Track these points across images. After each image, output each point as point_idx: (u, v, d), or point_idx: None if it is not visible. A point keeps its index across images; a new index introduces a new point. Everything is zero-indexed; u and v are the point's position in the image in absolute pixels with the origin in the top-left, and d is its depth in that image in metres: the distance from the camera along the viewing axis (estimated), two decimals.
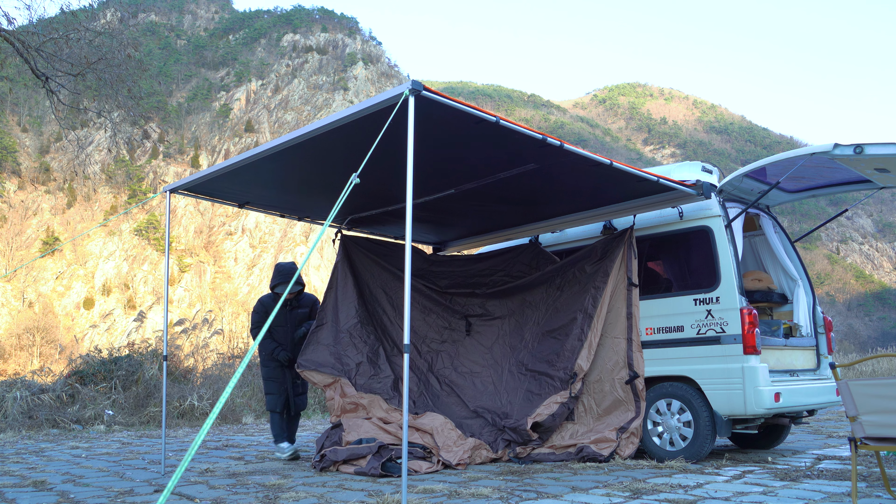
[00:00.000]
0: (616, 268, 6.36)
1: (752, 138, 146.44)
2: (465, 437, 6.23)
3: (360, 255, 7.49)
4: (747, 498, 4.16)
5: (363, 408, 6.64)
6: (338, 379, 6.77)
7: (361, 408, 6.64)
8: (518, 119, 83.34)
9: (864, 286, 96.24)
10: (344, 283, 7.22)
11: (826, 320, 6.64)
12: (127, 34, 17.74)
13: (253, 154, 5.46)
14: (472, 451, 6.03)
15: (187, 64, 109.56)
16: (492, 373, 7.01)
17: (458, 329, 7.43)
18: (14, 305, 72.80)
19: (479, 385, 7.00)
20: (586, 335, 6.32)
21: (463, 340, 7.35)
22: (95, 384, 11.82)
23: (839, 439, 7.37)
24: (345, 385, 6.75)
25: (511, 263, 7.46)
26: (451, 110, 4.50)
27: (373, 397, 6.69)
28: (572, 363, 6.30)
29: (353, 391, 6.72)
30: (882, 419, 3.72)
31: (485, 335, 7.27)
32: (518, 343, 6.99)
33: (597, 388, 6.27)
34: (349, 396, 6.68)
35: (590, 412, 6.26)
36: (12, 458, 7.25)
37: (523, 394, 6.60)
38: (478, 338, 7.30)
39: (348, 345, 6.95)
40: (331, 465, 5.80)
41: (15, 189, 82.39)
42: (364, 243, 7.62)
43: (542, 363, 6.60)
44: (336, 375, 6.75)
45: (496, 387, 6.89)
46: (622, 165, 5.58)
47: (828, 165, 5.77)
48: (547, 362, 6.56)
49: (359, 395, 6.68)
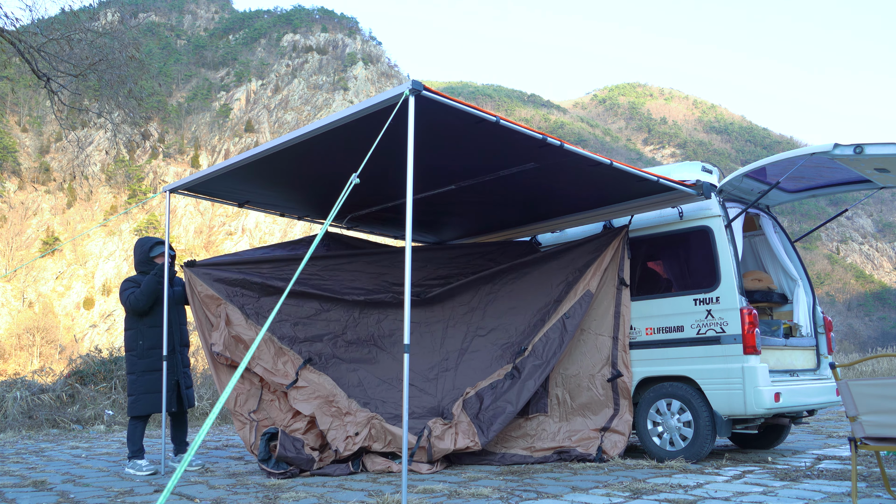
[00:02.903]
0: (603, 263, 6.33)
1: (752, 138, 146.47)
2: (354, 412, 5.82)
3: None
4: (747, 498, 4.16)
5: (245, 346, 5.97)
6: (223, 302, 6.09)
7: (242, 345, 5.98)
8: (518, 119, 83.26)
9: (864, 286, 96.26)
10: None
11: (826, 320, 6.64)
12: (128, 35, 17.73)
13: (253, 154, 5.46)
14: (364, 428, 5.70)
15: (187, 64, 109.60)
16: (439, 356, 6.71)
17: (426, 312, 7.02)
18: (14, 305, 72.81)
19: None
20: (547, 319, 6.28)
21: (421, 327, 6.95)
22: (95, 384, 11.82)
23: (839, 439, 7.37)
24: (231, 312, 6.07)
25: (499, 255, 7.39)
26: (452, 110, 4.50)
27: (264, 336, 5.97)
28: (526, 341, 6.26)
29: (240, 318, 6.05)
30: (882, 419, 3.71)
31: (442, 321, 6.97)
32: (476, 328, 6.84)
33: (573, 382, 6.26)
34: (235, 326, 6.02)
35: (563, 405, 6.23)
36: (12, 458, 7.25)
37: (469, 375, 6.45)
38: (437, 324, 6.98)
39: (252, 271, 6.30)
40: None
41: (15, 189, 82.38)
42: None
43: (497, 347, 6.53)
44: (221, 297, 6.10)
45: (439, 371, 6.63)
46: (622, 165, 5.58)
47: (828, 165, 5.77)
48: (502, 346, 6.51)
49: (247, 326, 6.04)
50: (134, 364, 6.06)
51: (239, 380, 6.10)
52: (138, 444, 6.00)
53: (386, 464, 5.68)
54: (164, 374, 5.98)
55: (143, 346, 6.05)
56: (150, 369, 6.01)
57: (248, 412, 6.06)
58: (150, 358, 6.03)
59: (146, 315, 6.09)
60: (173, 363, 6.11)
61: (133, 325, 6.13)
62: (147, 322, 6.08)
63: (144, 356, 6.04)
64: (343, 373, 6.32)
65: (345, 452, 5.65)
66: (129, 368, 6.12)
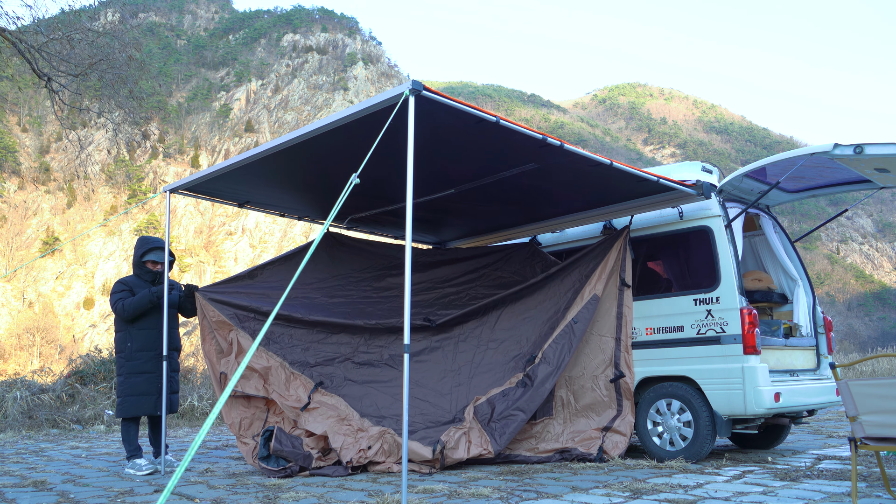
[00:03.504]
0: (607, 266, 6.33)
1: (752, 138, 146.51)
2: (367, 428, 5.81)
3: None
4: (747, 498, 4.16)
5: (258, 375, 6.04)
6: (234, 328, 6.10)
7: (255, 374, 6.03)
8: (518, 119, 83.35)
9: (864, 286, 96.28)
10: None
11: (826, 320, 6.64)
12: (128, 35, 17.73)
13: (253, 154, 5.46)
14: (377, 442, 5.68)
15: (187, 64, 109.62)
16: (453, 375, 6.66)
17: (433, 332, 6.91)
18: (14, 305, 72.81)
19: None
20: (557, 325, 6.27)
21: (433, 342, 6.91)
22: (95, 384, 11.83)
23: (839, 439, 7.37)
24: (243, 339, 6.08)
25: (504, 262, 7.39)
26: (452, 110, 4.50)
27: (272, 360, 6.08)
28: (536, 349, 6.25)
29: (248, 343, 6.03)
30: (882, 419, 3.71)
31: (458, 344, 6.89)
32: (488, 344, 6.78)
33: (577, 384, 6.26)
34: (244, 352, 6.00)
35: (567, 406, 6.24)
36: (12, 458, 7.26)
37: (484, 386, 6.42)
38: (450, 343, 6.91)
39: (262, 297, 6.28)
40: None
41: (15, 189, 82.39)
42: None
43: (509, 358, 6.50)
44: (233, 324, 6.10)
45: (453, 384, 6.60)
46: (622, 165, 5.58)
47: (828, 165, 5.77)
48: (514, 357, 6.48)
49: (258, 352, 6.04)
50: (122, 366, 6.01)
51: (243, 404, 6.20)
52: (134, 444, 5.97)
53: (386, 464, 5.67)
54: (165, 375, 5.98)
55: (131, 348, 6.00)
56: (138, 371, 5.96)
57: (253, 436, 6.09)
58: (139, 360, 5.98)
59: (136, 318, 6.07)
60: (159, 368, 6.04)
61: (123, 328, 6.10)
62: (137, 325, 6.05)
63: (132, 358, 5.98)
64: (356, 393, 6.30)
65: (355, 464, 5.63)
66: (118, 370, 6.08)
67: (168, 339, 6.12)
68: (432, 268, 7.59)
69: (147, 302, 5.99)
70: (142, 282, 6.19)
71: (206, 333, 6.27)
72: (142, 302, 5.98)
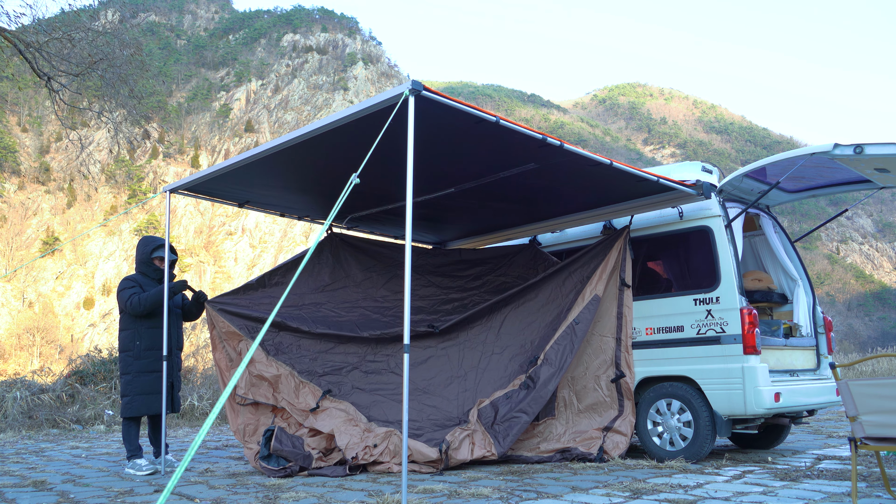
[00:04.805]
0: (608, 266, 6.33)
1: (752, 138, 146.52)
2: (374, 429, 5.84)
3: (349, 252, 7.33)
4: (747, 498, 4.16)
5: (268, 383, 6.10)
6: (244, 339, 6.14)
7: (265, 383, 6.08)
8: (518, 119, 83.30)
9: (864, 286, 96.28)
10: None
11: (826, 320, 6.64)
12: (129, 34, 17.74)
13: (253, 154, 5.46)
14: (383, 442, 5.71)
15: (187, 64, 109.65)
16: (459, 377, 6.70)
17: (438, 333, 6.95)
18: (14, 305, 72.82)
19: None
20: (559, 326, 6.28)
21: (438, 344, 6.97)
22: (95, 384, 11.83)
23: (839, 439, 7.37)
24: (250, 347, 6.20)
25: (507, 266, 7.41)
26: (452, 110, 4.50)
27: (281, 369, 6.12)
28: (538, 351, 6.26)
29: (261, 355, 6.09)
30: (882, 419, 3.71)
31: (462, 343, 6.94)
32: (493, 346, 6.81)
33: (579, 384, 6.26)
34: (256, 363, 6.09)
35: (570, 407, 6.24)
36: (12, 458, 7.25)
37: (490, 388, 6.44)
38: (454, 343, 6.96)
39: (271, 307, 6.17)
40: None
41: (15, 189, 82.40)
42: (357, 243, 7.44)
43: (512, 361, 6.51)
44: (242, 334, 6.16)
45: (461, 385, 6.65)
46: (622, 165, 5.58)
47: (828, 165, 5.77)
48: (517, 360, 6.50)
49: (267, 362, 6.09)
50: (129, 364, 5.98)
51: (250, 411, 6.28)
52: (135, 444, 5.95)
53: (389, 464, 5.68)
54: (164, 375, 5.97)
55: (140, 346, 5.98)
56: (147, 370, 5.95)
57: (257, 441, 6.11)
58: (147, 359, 5.97)
59: (145, 316, 6.06)
60: (169, 365, 6.05)
61: (130, 326, 6.08)
62: (146, 323, 6.05)
63: (141, 357, 5.97)
64: (364, 402, 6.33)
65: (360, 461, 5.64)
66: (123, 369, 6.03)
67: (175, 337, 6.17)
68: (437, 273, 7.63)
69: (160, 296, 5.98)
70: (149, 279, 6.22)
71: (216, 344, 6.37)
72: (158, 297, 5.98)
